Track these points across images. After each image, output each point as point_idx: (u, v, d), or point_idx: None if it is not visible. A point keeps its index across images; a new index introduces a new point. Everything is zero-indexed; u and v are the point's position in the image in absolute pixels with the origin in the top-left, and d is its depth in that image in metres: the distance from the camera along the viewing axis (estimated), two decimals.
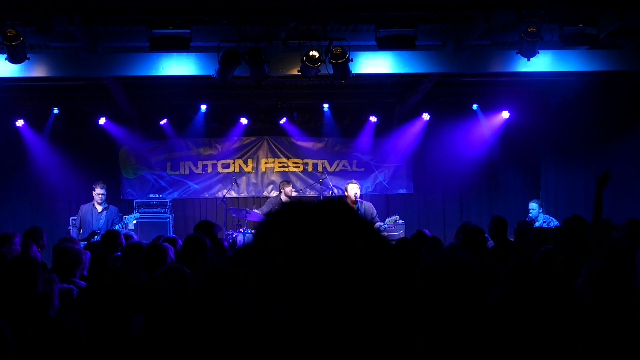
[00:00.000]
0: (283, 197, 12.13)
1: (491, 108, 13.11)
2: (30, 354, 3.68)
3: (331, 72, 9.01)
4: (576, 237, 5.47)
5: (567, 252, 5.31)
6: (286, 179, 13.01)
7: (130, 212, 12.14)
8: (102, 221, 10.54)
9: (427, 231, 7.67)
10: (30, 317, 3.90)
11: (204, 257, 5.49)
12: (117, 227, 10.01)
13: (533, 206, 11.25)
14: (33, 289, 4.12)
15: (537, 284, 3.01)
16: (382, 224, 10.80)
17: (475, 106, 13.11)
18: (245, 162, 13.54)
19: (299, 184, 13.36)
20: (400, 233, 11.32)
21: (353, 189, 10.84)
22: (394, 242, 6.67)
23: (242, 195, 13.54)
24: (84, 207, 10.80)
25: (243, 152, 13.53)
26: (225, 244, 8.13)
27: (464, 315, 2.16)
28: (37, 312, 3.99)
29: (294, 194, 12.39)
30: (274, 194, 13.10)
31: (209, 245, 5.64)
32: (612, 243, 4.94)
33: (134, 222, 11.03)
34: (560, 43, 8.62)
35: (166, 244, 5.64)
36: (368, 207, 10.99)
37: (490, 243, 7.16)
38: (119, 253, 6.17)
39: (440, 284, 2.21)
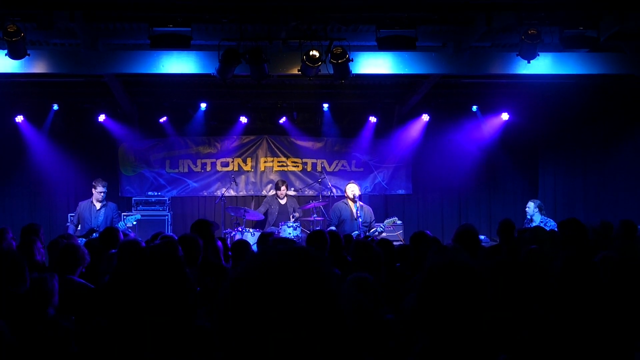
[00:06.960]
0: (279, 197, 12.14)
1: (491, 110, 13.12)
2: (28, 353, 3.65)
3: (331, 72, 9.01)
4: (574, 239, 5.48)
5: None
6: (285, 178, 13.01)
7: (128, 210, 12.14)
8: (100, 218, 10.55)
9: (429, 232, 7.67)
10: (22, 315, 3.86)
11: (197, 257, 5.66)
12: (120, 224, 10.03)
13: (529, 204, 11.23)
14: (21, 284, 4.09)
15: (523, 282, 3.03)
16: (380, 225, 10.82)
17: (474, 107, 13.12)
18: (245, 161, 13.53)
19: (297, 184, 13.36)
20: (398, 234, 11.33)
21: (351, 190, 10.94)
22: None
23: (241, 194, 13.54)
24: (82, 204, 10.81)
25: (242, 151, 13.52)
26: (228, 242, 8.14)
27: (468, 317, 2.16)
28: (30, 310, 3.95)
29: (291, 192, 12.40)
30: (273, 192, 13.11)
31: (201, 244, 5.72)
32: None
33: (134, 223, 11.01)
34: (561, 46, 8.61)
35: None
36: (367, 210, 11.04)
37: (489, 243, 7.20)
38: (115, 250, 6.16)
39: (445, 287, 2.20)
